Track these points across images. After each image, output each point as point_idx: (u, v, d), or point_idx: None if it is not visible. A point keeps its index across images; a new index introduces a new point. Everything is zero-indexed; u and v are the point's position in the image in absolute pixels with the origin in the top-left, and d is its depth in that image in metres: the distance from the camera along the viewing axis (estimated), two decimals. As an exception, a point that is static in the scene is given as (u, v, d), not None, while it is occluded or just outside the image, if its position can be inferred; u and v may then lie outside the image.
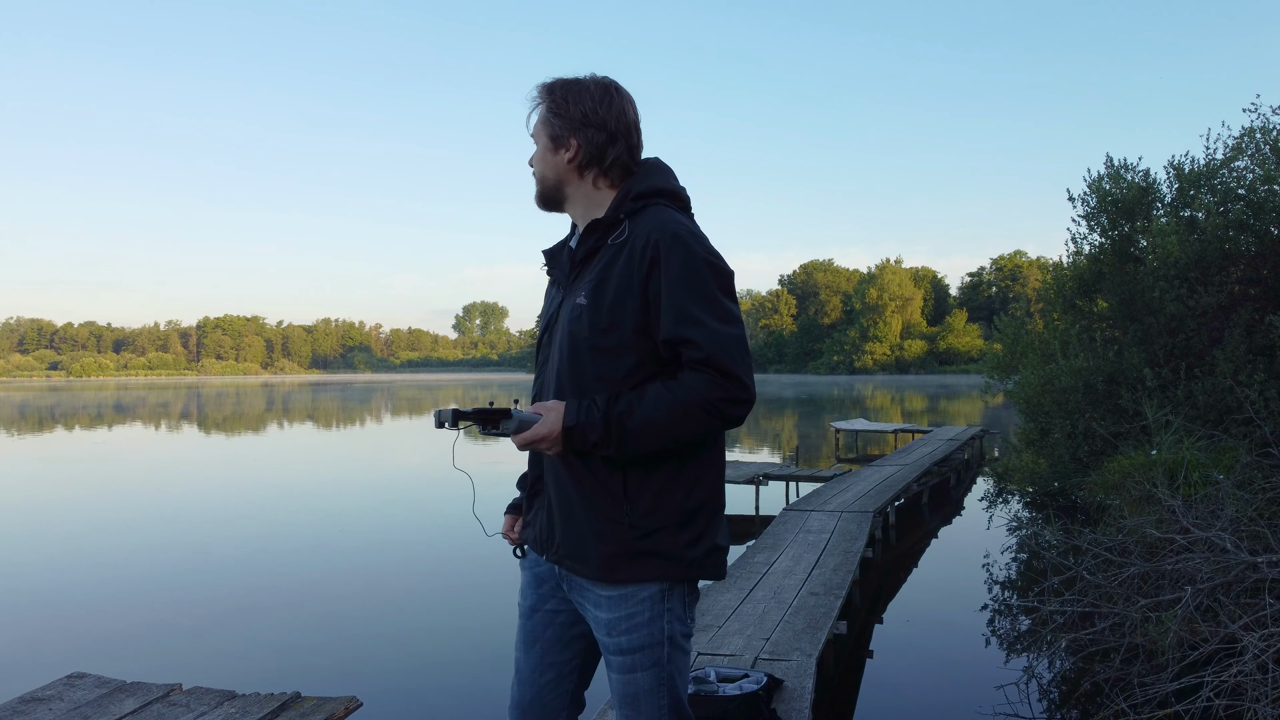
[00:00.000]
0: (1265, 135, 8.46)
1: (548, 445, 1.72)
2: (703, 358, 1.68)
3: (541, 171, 1.91)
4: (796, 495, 11.92)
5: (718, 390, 1.68)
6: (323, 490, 14.17)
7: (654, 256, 1.72)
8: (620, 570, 1.75)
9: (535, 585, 1.96)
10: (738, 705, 3.46)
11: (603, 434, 1.68)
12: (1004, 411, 29.89)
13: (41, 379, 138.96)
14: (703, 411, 1.69)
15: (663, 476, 1.75)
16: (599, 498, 1.76)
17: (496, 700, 4.72)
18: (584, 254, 1.83)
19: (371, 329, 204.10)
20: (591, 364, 1.75)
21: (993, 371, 13.33)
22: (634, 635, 1.77)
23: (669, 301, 1.70)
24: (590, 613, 1.84)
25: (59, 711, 3.57)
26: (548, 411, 1.71)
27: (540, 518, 1.90)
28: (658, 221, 1.76)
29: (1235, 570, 4.17)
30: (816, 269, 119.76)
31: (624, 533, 1.74)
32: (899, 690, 5.12)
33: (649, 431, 1.68)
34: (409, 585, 7.70)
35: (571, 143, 1.85)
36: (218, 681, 4.10)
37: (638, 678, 1.80)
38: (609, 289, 1.74)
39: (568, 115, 1.85)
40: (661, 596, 1.78)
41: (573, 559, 1.81)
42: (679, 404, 1.68)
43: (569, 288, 1.86)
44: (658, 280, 1.72)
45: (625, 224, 1.80)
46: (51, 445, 23.65)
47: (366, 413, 38.77)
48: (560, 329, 1.83)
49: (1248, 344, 7.80)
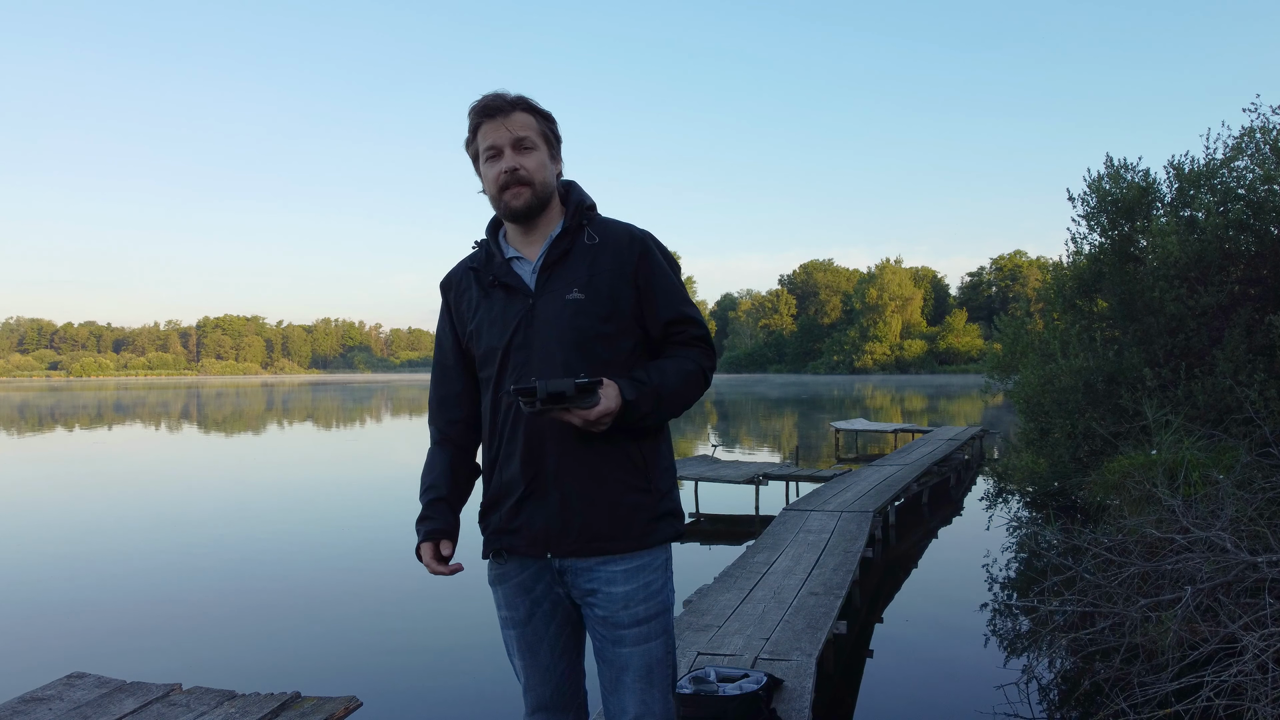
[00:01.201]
0: (1265, 135, 8.45)
1: (608, 420, 1.80)
2: (702, 334, 1.99)
3: (545, 179, 1.95)
4: (796, 495, 11.92)
5: (710, 360, 2.00)
6: (323, 490, 14.17)
7: (643, 252, 1.95)
8: (652, 534, 1.91)
9: (524, 592, 1.96)
10: (738, 705, 3.45)
11: (652, 404, 1.86)
12: (1004, 411, 29.89)
13: (41, 379, 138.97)
14: (703, 378, 1.97)
15: (662, 442, 1.99)
16: (626, 473, 1.89)
17: (497, 700, 4.72)
18: (556, 258, 1.93)
19: (371, 329, 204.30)
20: (598, 350, 1.88)
21: (993, 371, 13.32)
22: (649, 603, 1.91)
23: (664, 288, 1.95)
24: (603, 593, 1.89)
25: (59, 711, 3.56)
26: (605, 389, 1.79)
27: (543, 516, 1.89)
28: (624, 225, 2.00)
29: (1235, 570, 4.17)
30: (816, 269, 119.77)
31: (651, 498, 1.92)
32: (899, 690, 5.12)
33: (676, 400, 1.91)
34: (409, 585, 7.69)
35: (559, 156, 2.02)
36: (218, 681, 4.10)
37: (652, 647, 1.92)
38: (603, 283, 1.91)
39: (555, 129, 2.01)
40: (665, 563, 1.97)
41: (599, 538, 1.87)
42: (690, 374, 1.94)
43: (539, 291, 1.92)
44: (647, 271, 1.94)
45: (587, 229, 1.96)
46: (51, 445, 23.64)
47: (367, 412, 38.77)
48: (548, 326, 1.89)
49: (1248, 344, 7.80)
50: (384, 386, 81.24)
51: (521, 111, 1.91)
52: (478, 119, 1.92)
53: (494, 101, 1.90)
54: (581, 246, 1.93)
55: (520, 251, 1.98)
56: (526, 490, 1.90)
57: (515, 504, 1.92)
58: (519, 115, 1.91)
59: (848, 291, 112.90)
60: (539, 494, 1.88)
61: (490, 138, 1.91)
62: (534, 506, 1.89)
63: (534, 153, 1.92)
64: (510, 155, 1.90)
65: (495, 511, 1.97)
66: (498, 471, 1.95)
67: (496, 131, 1.90)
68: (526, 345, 1.90)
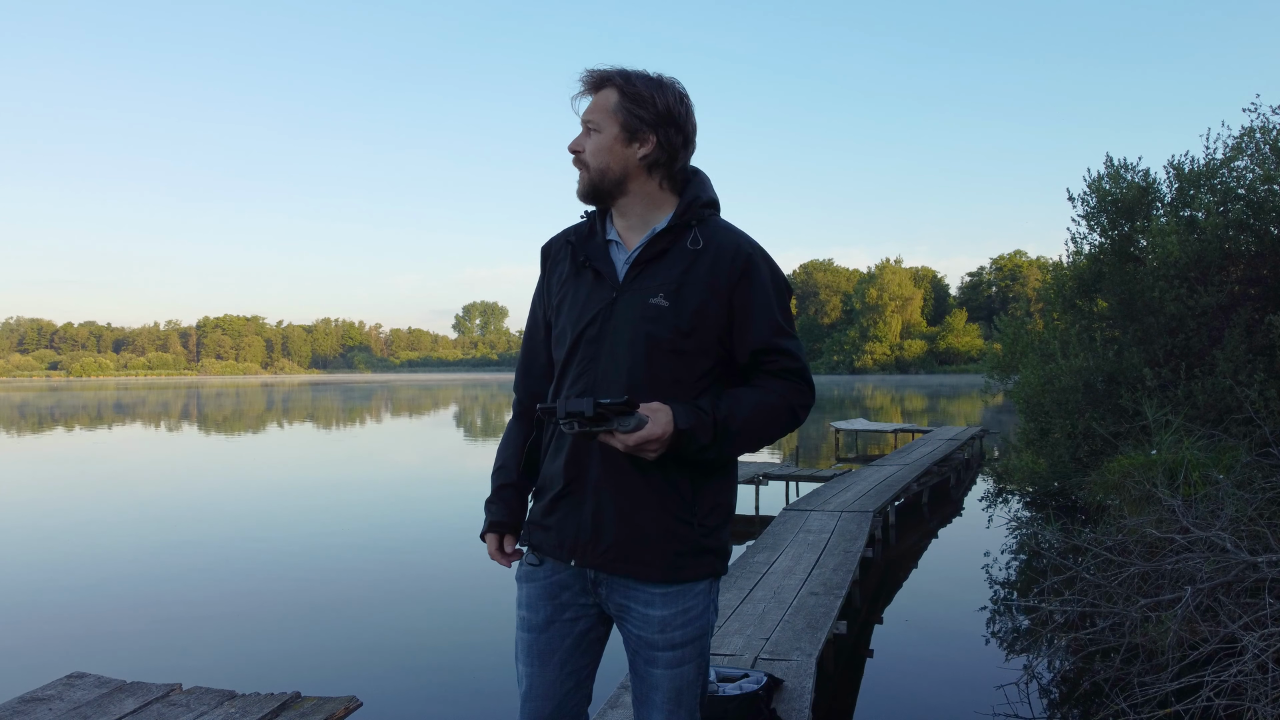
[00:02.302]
0: (1265, 135, 8.46)
1: (656, 447, 1.67)
2: (798, 368, 1.81)
3: (606, 162, 1.80)
4: (796, 495, 11.93)
5: (803, 397, 1.81)
6: (323, 490, 14.16)
7: (745, 268, 1.77)
8: (685, 569, 1.79)
9: (549, 596, 1.87)
10: (738, 705, 3.45)
11: (712, 437, 1.71)
12: (1004, 412, 29.89)
13: (41, 379, 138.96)
14: (790, 416, 1.80)
15: (717, 476, 1.83)
16: (670, 499, 1.76)
17: (496, 700, 4.73)
18: (653, 255, 1.79)
19: (371, 329, 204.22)
20: (669, 366, 1.75)
21: (993, 371, 13.34)
22: (687, 629, 1.82)
23: (762, 313, 1.77)
24: (638, 612, 1.81)
25: (59, 711, 3.56)
26: (654, 413, 1.66)
27: (575, 520, 1.81)
28: (737, 234, 1.82)
29: (1235, 570, 4.17)
30: (816, 269, 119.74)
31: (693, 532, 1.79)
32: (899, 690, 5.12)
33: (747, 435, 1.76)
34: (409, 585, 7.70)
35: (650, 138, 1.79)
36: (218, 681, 4.10)
37: (685, 670, 1.84)
38: (692, 294, 1.75)
39: (650, 109, 1.79)
40: (708, 590, 1.86)
41: (628, 560, 1.77)
42: (772, 409, 1.78)
43: (626, 285, 1.79)
44: (746, 291, 1.77)
45: (694, 231, 1.80)
46: (51, 445, 23.63)
47: (366, 412, 38.77)
48: (623, 327, 1.77)
49: (1248, 344, 7.80)
50: (384, 387, 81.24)
51: (594, 90, 1.82)
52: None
53: (582, 78, 1.83)
54: (682, 249, 1.78)
55: (622, 237, 1.86)
56: (565, 489, 1.82)
57: (552, 499, 1.84)
58: (594, 95, 1.82)
59: (848, 291, 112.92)
60: (575, 496, 1.80)
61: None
62: (568, 508, 1.81)
63: (597, 135, 1.80)
64: (577, 138, 1.83)
65: (538, 500, 1.90)
66: (547, 460, 1.88)
67: (582, 110, 1.84)
68: (599, 339, 1.78)
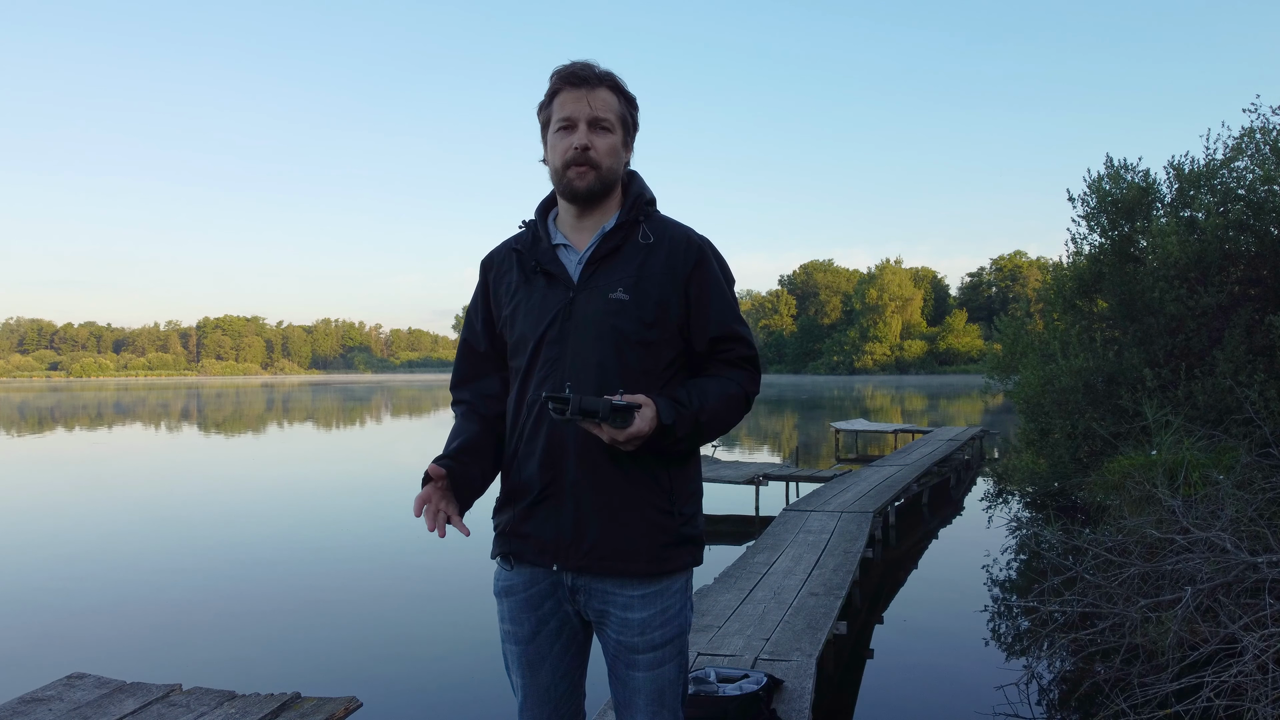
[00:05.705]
0: (1265, 135, 8.46)
1: (639, 441, 1.69)
2: (752, 355, 1.87)
3: (614, 165, 1.81)
4: (796, 495, 11.92)
5: (756, 385, 1.88)
6: (322, 490, 14.17)
7: (699, 259, 1.82)
8: (669, 560, 1.80)
9: (531, 608, 1.85)
10: (738, 705, 3.45)
11: (689, 429, 1.75)
12: (1004, 412, 29.88)
13: (41, 379, 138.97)
14: (746, 404, 1.86)
15: (690, 465, 1.87)
16: (649, 492, 1.78)
17: (496, 700, 4.73)
18: (606, 252, 1.81)
19: (371, 329, 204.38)
20: (638, 357, 1.77)
21: (993, 372, 13.32)
22: (666, 629, 1.82)
23: (718, 301, 1.83)
24: (617, 617, 1.80)
25: (59, 712, 3.56)
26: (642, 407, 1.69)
27: (554, 524, 1.78)
28: (684, 228, 1.88)
29: (1235, 570, 4.17)
30: (816, 269, 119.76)
31: (674, 521, 1.81)
32: (899, 690, 5.11)
33: (715, 424, 1.80)
34: (409, 586, 7.70)
35: (631, 144, 1.87)
36: (218, 681, 4.10)
37: (666, 671, 1.84)
38: (652, 286, 1.78)
39: (636, 116, 1.86)
40: (685, 587, 1.87)
41: (612, 558, 1.76)
42: (733, 397, 1.82)
43: (582, 284, 1.80)
44: (701, 281, 1.82)
45: (643, 226, 1.84)
46: (51, 446, 23.63)
47: (367, 413, 38.77)
48: (586, 324, 1.77)
49: (1248, 344, 7.80)
50: (384, 387, 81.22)
51: (607, 89, 1.79)
52: (558, 85, 1.79)
53: (581, 71, 1.77)
54: (634, 244, 1.81)
55: (569, 239, 1.85)
56: (541, 494, 1.79)
57: (528, 507, 1.81)
58: (603, 92, 1.78)
59: (848, 292, 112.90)
60: (554, 500, 1.78)
61: (568, 108, 1.77)
62: (546, 513, 1.79)
63: (609, 135, 1.79)
64: (584, 132, 1.77)
65: (507, 510, 1.86)
66: (515, 469, 1.83)
67: (576, 103, 1.77)
68: (561, 340, 1.78)
